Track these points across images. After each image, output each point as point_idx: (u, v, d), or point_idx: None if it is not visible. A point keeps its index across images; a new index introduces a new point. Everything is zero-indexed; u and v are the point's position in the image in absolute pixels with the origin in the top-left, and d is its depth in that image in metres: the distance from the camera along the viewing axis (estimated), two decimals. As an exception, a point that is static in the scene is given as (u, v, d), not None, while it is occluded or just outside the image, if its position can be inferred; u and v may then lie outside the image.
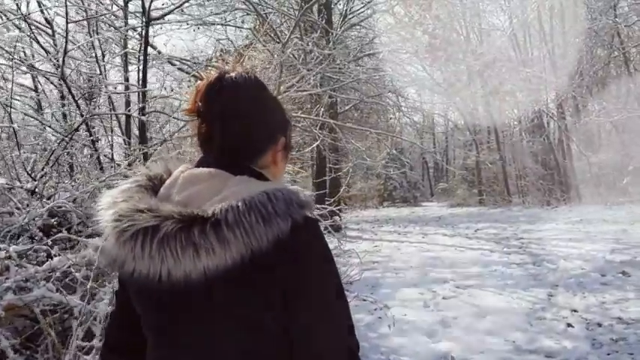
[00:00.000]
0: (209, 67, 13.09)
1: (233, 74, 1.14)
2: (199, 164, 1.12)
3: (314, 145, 9.55)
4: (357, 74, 10.61)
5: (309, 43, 12.03)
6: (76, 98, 5.14)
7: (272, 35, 11.46)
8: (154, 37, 12.11)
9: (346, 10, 15.45)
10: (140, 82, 6.00)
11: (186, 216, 0.98)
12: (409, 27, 11.99)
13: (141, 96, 5.66)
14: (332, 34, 12.46)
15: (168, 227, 0.97)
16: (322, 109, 12.33)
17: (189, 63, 10.27)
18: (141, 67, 6.44)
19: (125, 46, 6.65)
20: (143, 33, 6.08)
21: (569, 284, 6.84)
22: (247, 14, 12.63)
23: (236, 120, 1.12)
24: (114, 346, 1.26)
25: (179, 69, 11.27)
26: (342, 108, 18.82)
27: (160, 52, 10.99)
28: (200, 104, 1.13)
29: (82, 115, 4.91)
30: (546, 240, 10.88)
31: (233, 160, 1.10)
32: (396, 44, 12.17)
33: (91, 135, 5.22)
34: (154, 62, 11.02)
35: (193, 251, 0.96)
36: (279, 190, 1.02)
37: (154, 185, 1.14)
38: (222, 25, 11.96)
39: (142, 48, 5.99)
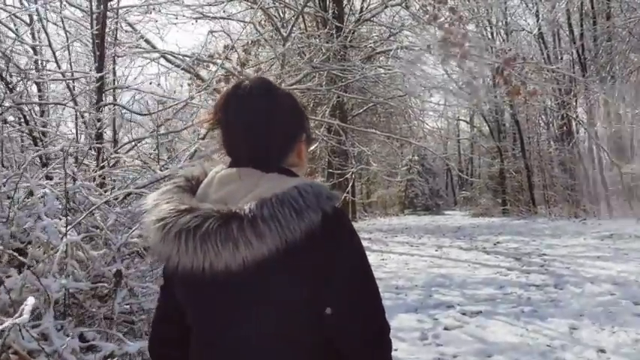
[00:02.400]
0: (211, 64, 12.36)
1: (249, 82, 1.21)
2: (232, 165, 1.20)
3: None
4: (363, 72, 9.70)
5: (316, 38, 11.23)
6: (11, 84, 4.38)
7: (277, 30, 10.64)
8: (160, 31, 11.42)
9: (362, 6, 14.61)
10: (96, 71, 5.21)
11: (225, 213, 1.06)
12: (424, 22, 11.05)
13: (93, 87, 4.86)
14: (342, 30, 11.60)
15: (209, 225, 1.05)
16: (327, 110, 11.52)
17: (183, 58, 9.51)
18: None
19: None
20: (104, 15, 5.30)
21: (596, 314, 5.83)
22: (252, 8, 11.86)
23: (259, 128, 1.18)
24: (162, 340, 1.33)
25: (177, 66, 10.54)
26: (356, 111, 17.98)
27: (154, 47, 10.30)
28: (221, 115, 1.21)
29: (13, 102, 4.14)
30: (572, 257, 9.81)
31: (264, 163, 1.16)
32: (409, 41, 11.31)
33: (28, 124, 4.45)
34: (148, 57, 10.37)
35: (233, 245, 1.04)
36: (308, 184, 1.11)
37: (191, 186, 1.23)
38: (221, 18, 11.20)
39: (100, 32, 5.21)
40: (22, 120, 4.52)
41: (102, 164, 4.31)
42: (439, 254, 11.31)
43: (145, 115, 5.13)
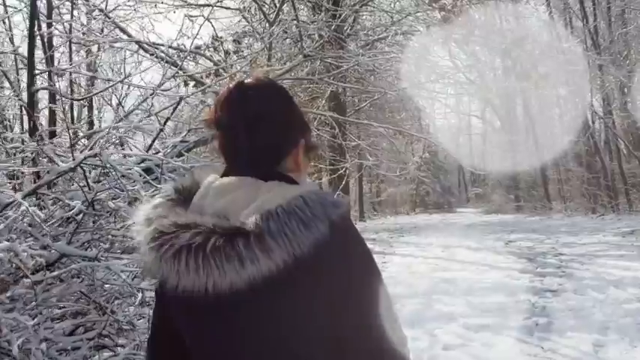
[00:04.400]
0: (198, 56, 11.57)
1: (252, 81, 1.16)
2: (226, 173, 1.13)
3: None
4: (357, 60, 8.85)
5: (309, 24, 10.42)
6: None
7: (264, 14, 9.84)
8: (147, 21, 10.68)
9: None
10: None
11: (229, 229, 0.99)
12: (426, 5, 10.23)
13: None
14: (339, 15, 10.77)
15: (213, 242, 0.97)
16: (322, 102, 10.71)
17: (157, 47, 8.72)
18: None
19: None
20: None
21: (625, 327, 4.96)
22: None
23: (259, 128, 1.12)
24: None
25: (152, 54, 9.74)
26: (358, 105, 17.12)
27: (129, 35, 9.54)
28: (221, 114, 1.14)
29: None
30: (591, 257, 8.91)
31: (261, 167, 1.10)
32: (410, 24, 10.48)
33: None
34: (125, 48, 9.65)
35: (238, 262, 0.96)
36: (312, 192, 1.03)
37: (184, 198, 1.14)
38: (205, 6, 10.40)
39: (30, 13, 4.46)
40: None
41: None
42: (446, 255, 10.43)
43: (80, 99, 4.38)
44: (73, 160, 3.06)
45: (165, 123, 5.02)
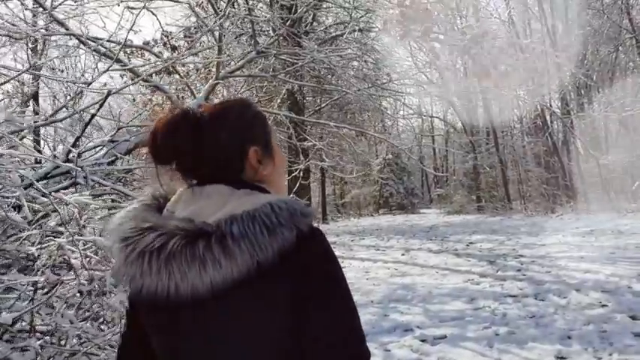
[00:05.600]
0: (146, 53, 10.97)
1: (169, 115, 1.12)
2: (199, 183, 1.11)
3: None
4: (313, 56, 8.45)
5: (267, 22, 9.99)
6: None
7: (213, 6, 9.35)
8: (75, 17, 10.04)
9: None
10: None
11: (191, 231, 0.98)
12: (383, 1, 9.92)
13: None
14: (294, 10, 10.37)
15: (175, 243, 0.97)
16: (277, 102, 10.29)
17: (102, 42, 8.15)
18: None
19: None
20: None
21: (588, 335, 4.69)
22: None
23: (200, 149, 1.09)
24: None
25: (96, 51, 9.14)
26: (319, 105, 16.75)
27: (67, 28, 8.93)
28: (153, 152, 1.10)
29: None
30: (552, 259, 8.73)
31: (224, 178, 1.09)
32: (367, 19, 10.18)
33: None
34: (64, 43, 9.06)
35: (200, 265, 0.95)
36: (282, 200, 1.02)
37: (159, 204, 1.14)
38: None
39: None
40: None
41: None
42: (405, 259, 10.13)
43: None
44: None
45: (89, 121, 4.53)
